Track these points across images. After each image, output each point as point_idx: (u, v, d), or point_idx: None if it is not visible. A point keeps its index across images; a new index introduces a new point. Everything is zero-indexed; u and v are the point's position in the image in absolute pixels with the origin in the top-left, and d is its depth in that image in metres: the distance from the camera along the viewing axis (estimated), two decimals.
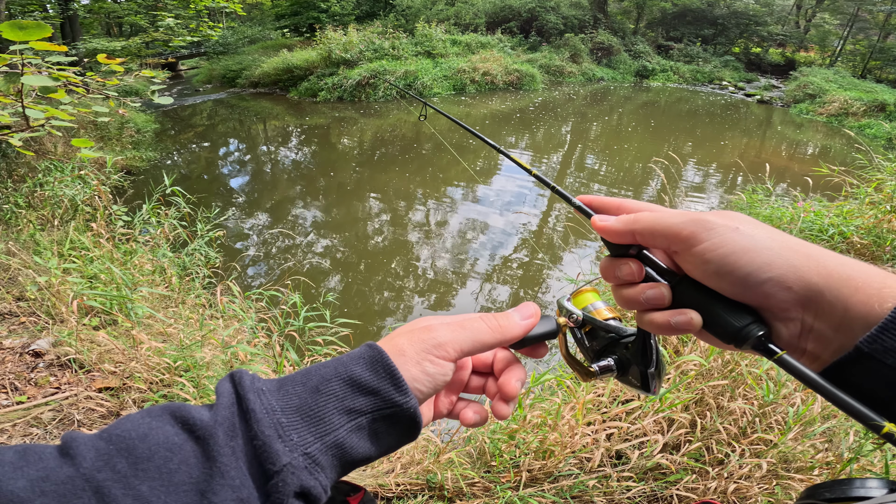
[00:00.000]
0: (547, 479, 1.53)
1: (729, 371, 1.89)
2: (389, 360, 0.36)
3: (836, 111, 13.21)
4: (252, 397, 0.33)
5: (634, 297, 0.39)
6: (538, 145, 9.58)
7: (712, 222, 0.35)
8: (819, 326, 0.32)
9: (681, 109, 14.01)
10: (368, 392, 0.35)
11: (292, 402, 0.34)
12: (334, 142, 9.20)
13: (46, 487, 0.26)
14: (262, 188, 6.96)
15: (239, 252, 4.90)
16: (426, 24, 14.26)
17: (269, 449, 0.31)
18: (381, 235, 5.49)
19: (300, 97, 12.18)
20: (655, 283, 0.39)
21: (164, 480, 0.28)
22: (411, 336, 0.39)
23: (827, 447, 1.53)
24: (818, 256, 0.32)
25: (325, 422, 0.33)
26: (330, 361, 0.37)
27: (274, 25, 17.59)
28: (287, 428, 0.32)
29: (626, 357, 0.45)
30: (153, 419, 0.31)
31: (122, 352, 2.21)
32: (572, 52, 16.52)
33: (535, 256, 5.07)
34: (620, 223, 0.39)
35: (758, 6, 21.07)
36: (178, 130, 9.63)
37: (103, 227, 3.48)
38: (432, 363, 0.38)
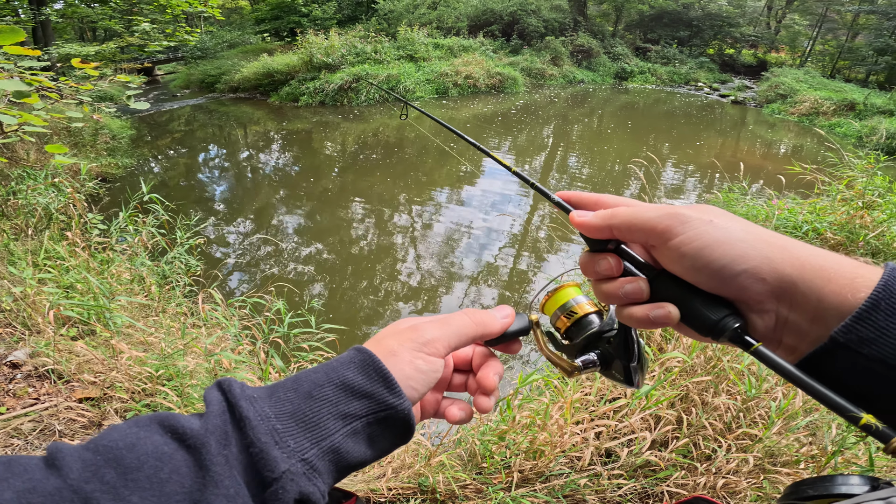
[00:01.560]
0: (538, 479, 1.54)
1: (712, 367, 1.93)
2: (381, 363, 0.37)
3: (807, 111, 13.61)
4: (245, 405, 0.32)
5: (613, 292, 0.39)
6: (521, 148, 9.65)
7: (687, 216, 0.35)
8: (794, 318, 0.32)
9: (658, 111, 14.28)
10: (362, 396, 0.35)
11: (286, 409, 0.33)
12: (316, 147, 9.13)
13: (33, 499, 0.25)
14: (243, 194, 6.87)
15: (220, 260, 4.82)
16: (408, 28, 14.27)
17: (267, 456, 0.30)
18: (365, 240, 5.46)
19: (281, 102, 12.07)
20: (634, 278, 0.39)
21: (154, 490, 0.27)
22: (400, 336, 0.40)
23: (811, 441, 1.57)
24: (791, 248, 0.32)
25: (320, 427, 0.33)
26: (319, 367, 0.37)
27: (254, 30, 17.42)
28: (283, 434, 0.32)
29: (609, 351, 0.45)
30: (141, 429, 0.30)
31: (101, 362, 2.16)
32: (553, 54, 16.72)
33: (520, 258, 5.10)
34: (598, 218, 0.39)
35: (731, 8, 21.63)
36: (155, 136, 9.45)
37: (79, 235, 3.39)
38: (424, 360, 0.39)
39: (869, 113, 12.82)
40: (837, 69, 20.01)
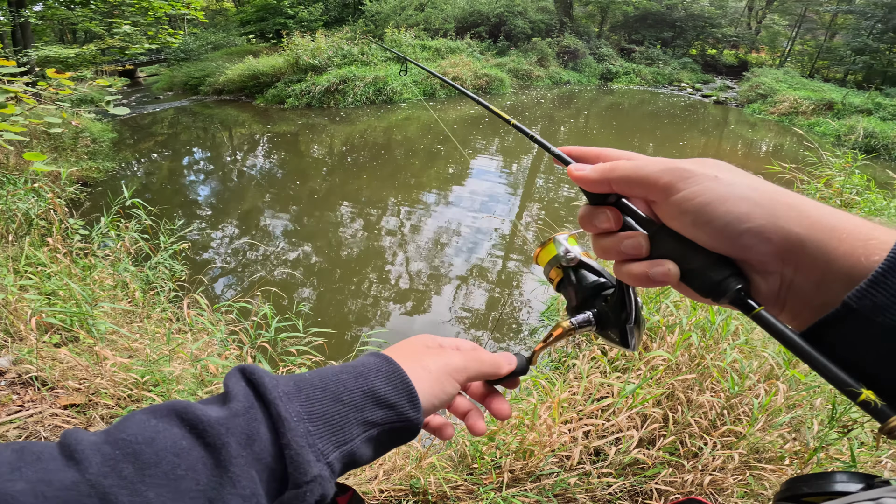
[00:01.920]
0: (529, 479, 1.55)
1: (696, 365, 1.96)
2: (407, 378, 0.38)
3: (787, 110, 13.87)
4: (281, 405, 0.33)
5: (612, 247, 0.38)
6: (508, 149, 9.69)
7: (690, 171, 0.33)
8: (799, 280, 0.30)
9: (643, 111, 14.45)
10: (385, 406, 0.37)
11: (316, 409, 0.34)
12: (303, 149, 9.07)
13: (48, 492, 0.25)
14: (228, 198, 6.80)
15: (205, 264, 4.77)
16: (395, 30, 14.25)
17: (302, 460, 0.31)
18: (353, 242, 5.44)
19: (267, 104, 11.96)
20: (633, 233, 0.37)
21: (171, 487, 0.27)
22: (434, 356, 0.43)
23: (794, 437, 1.60)
24: (801, 206, 0.30)
25: (344, 432, 0.34)
26: (345, 369, 0.38)
27: (239, 31, 17.23)
28: (314, 436, 0.32)
29: (606, 311, 0.44)
30: (159, 420, 0.30)
31: (85, 368, 2.13)
32: (540, 55, 16.82)
33: (508, 258, 5.12)
34: (596, 172, 0.38)
35: (713, 8, 21.96)
36: (137, 139, 9.29)
37: (60, 241, 3.33)
38: (451, 384, 0.41)
39: (847, 112, 13.12)
40: (816, 69, 20.43)
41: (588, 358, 2.17)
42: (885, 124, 11.71)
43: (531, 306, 4.14)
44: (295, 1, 15.44)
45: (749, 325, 2.19)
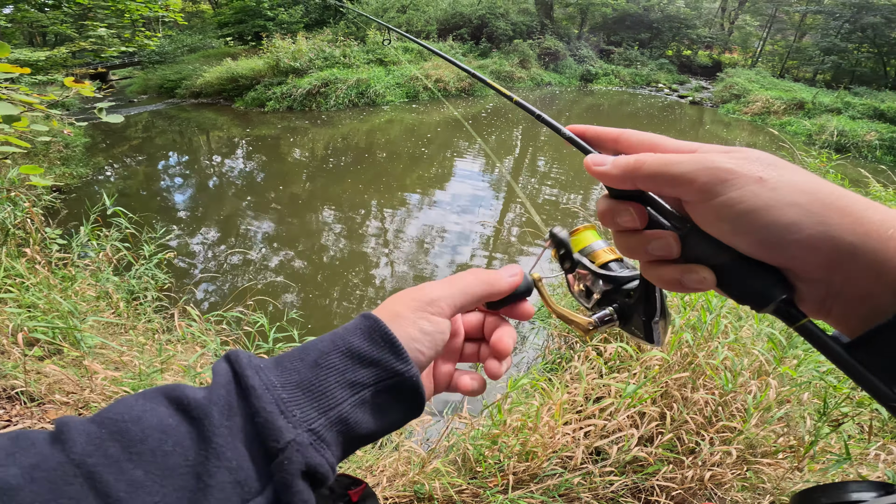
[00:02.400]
0: (532, 481, 1.57)
1: (688, 363, 2.01)
2: (387, 328, 0.35)
3: (760, 110, 14.26)
4: (250, 373, 0.32)
5: (637, 247, 0.35)
6: (491, 150, 9.74)
7: (730, 170, 0.30)
8: (848, 289, 0.28)
9: (623, 112, 14.69)
10: (369, 363, 0.34)
11: (292, 378, 0.32)
12: (285, 153, 8.96)
13: (37, 474, 0.25)
14: (207, 204, 6.67)
15: (187, 272, 4.68)
16: (378, 32, 14.20)
17: (272, 426, 0.29)
18: (338, 247, 5.40)
19: (247, 107, 11.79)
20: (661, 232, 0.34)
21: (158, 464, 0.27)
22: (403, 297, 0.39)
23: (786, 431, 1.65)
24: (856, 211, 0.27)
25: (327, 396, 0.32)
26: (326, 335, 0.36)
27: (216, 34, 16.95)
28: (289, 403, 0.31)
29: (629, 305, 0.41)
30: (148, 401, 0.30)
31: (74, 382, 2.08)
32: (521, 57, 16.96)
33: (493, 259, 5.16)
34: (619, 168, 0.34)
35: (688, 10, 22.46)
36: (110, 144, 9.05)
37: (38, 251, 3.23)
38: (428, 321, 0.37)
39: (817, 111, 13.55)
40: (786, 69, 21.05)
41: (584, 358, 2.20)
42: (854, 123, 12.14)
43: None
44: (275, 3, 15.24)
45: (738, 324, 2.25)
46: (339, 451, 0.33)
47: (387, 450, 1.91)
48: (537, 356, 3.02)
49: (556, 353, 2.53)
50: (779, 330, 2.21)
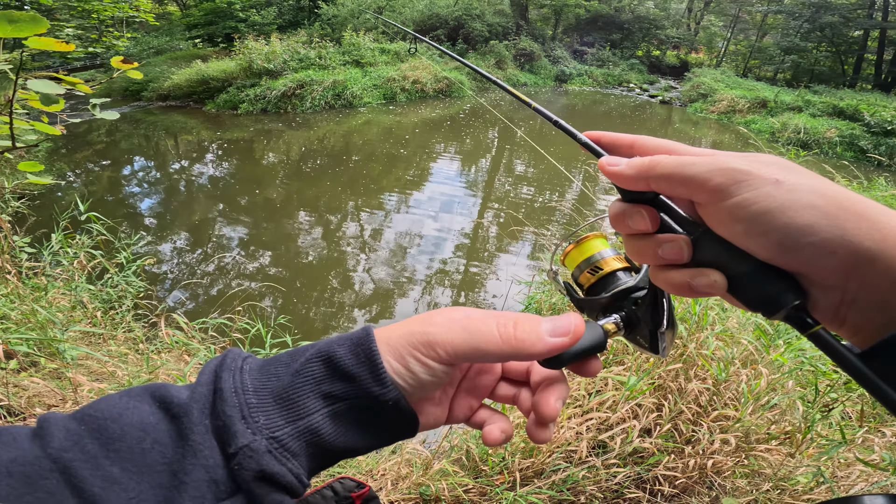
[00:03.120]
0: (538, 476, 1.57)
1: (679, 355, 2.05)
2: (373, 347, 0.33)
3: (725, 109, 14.74)
4: (226, 375, 0.31)
5: (648, 251, 0.34)
6: (468, 151, 9.78)
7: (745, 172, 0.29)
8: (864, 297, 0.27)
9: (596, 112, 14.97)
10: (345, 377, 0.32)
11: (269, 384, 0.32)
12: (259, 156, 8.79)
13: (14, 468, 0.26)
14: (179, 209, 6.47)
15: (159, 279, 4.55)
16: (354, 33, 14.07)
17: (228, 430, 0.29)
18: (315, 250, 5.33)
19: (218, 110, 11.51)
20: (673, 236, 0.33)
21: (136, 462, 0.27)
22: (405, 326, 0.35)
23: (777, 419, 1.71)
24: (872, 215, 0.27)
25: (298, 405, 0.31)
26: (322, 340, 0.35)
27: (184, 36, 16.50)
28: (255, 409, 0.30)
29: (636, 314, 0.40)
30: (131, 399, 0.30)
31: (57, 394, 1.99)
32: (497, 58, 17.09)
33: (472, 259, 5.18)
34: (633, 168, 0.34)
35: (657, 10, 23.07)
36: (72, 149, 8.68)
37: (8, 261, 3.09)
38: (418, 361, 0.33)
39: (779, 110, 14.08)
40: (749, 68, 21.80)
41: None
42: (815, 121, 12.67)
43: (508, 307, 4.20)
44: (247, 4, 14.94)
45: (725, 314, 2.31)
46: (308, 461, 0.31)
47: (385, 453, 1.90)
48: None
49: None
50: (762, 316, 2.29)
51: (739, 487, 1.55)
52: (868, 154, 10.79)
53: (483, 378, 0.42)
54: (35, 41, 0.81)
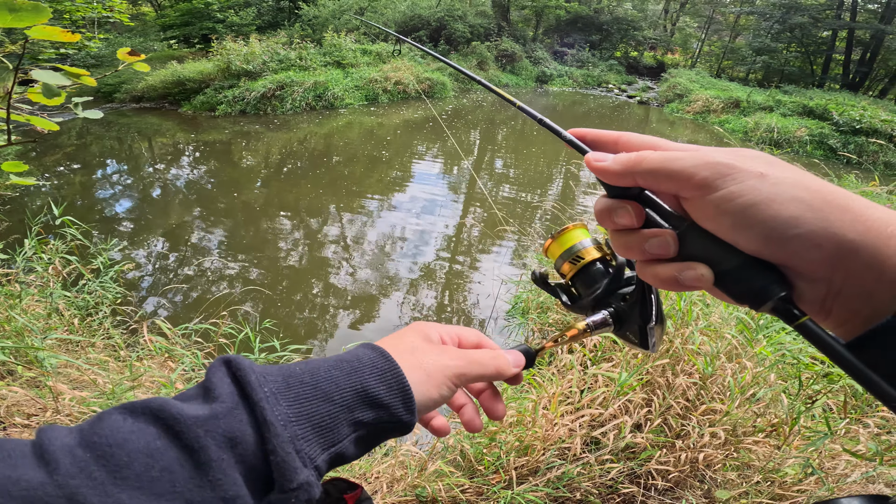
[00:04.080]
0: (533, 474, 1.58)
1: (665, 350, 2.09)
2: (404, 378, 0.36)
3: (700, 109, 15.10)
4: (266, 405, 0.31)
5: (634, 246, 0.35)
6: (450, 151, 9.79)
7: (731, 165, 0.30)
8: (849, 288, 0.28)
9: (577, 112, 15.16)
10: (378, 406, 0.35)
11: (304, 410, 0.32)
12: (237, 158, 8.64)
13: (14, 490, 0.25)
14: (154, 214, 6.29)
15: (136, 285, 4.43)
16: (335, 34, 13.95)
17: (288, 467, 0.29)
18: (297, 253, 5.27)
19: (195, 111, 11.28)
20: (659, 231, 0.33)
21: (144, 489, 0.27)
22: (434, 354, 0.40)
23: (763, 411, 1.75)
24: (855, 208, 0.28)
25: (334, 433, 0.33)
26: (338, 364, 0.36)
27: (159, 37, 16.14)
28: (301, 440, 0.31)
29: (624, 310, 0.41)
30: (135, 420, 0.29)
31: (35, 402, 1.93)
32: (479, 59, 17.17)
33: (455, 260, 5.19)
34: (619, 164, 0.34)
35: (635, 12, 23.49)
36: (40, 152, 8.41)
37: None
38: (449, 389, 0.39)
39: (752, 109, 14.47)
40: (722, 69, 22.37)
41: (567, 349, 2.25)
42: (786, 120, 13.05)
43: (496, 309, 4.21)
44: (224, 5, 14.68)
45: (708, 310, 2.36)
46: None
47: (378, 455, 1.88)
48: None
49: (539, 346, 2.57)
50: (745, 311, 2.35)
51: (730, 480, 1.59)
52: (838, 152, 11.16)
53: None
54: (39, 31, 0.78)
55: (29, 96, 0.96)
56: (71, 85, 0.93)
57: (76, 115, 1.15)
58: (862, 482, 1.42)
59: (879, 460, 1.38)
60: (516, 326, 3.41)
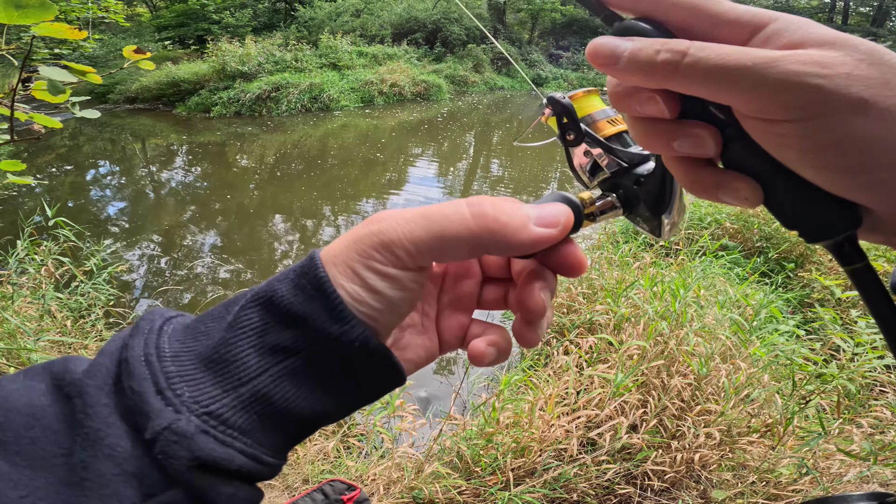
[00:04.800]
0: (530, 476, 1.58)
1: (660, 352, 2.10)
2: (321, 274, 0.25)
3: None
4: (135, 342, 0.25)
5: (662, 140, 0.26)
6: (445, 154, 9.81)
7: (821, 91, 0.21)
8: None
9: None
10: (294, 321, 0.25)
11: (196, 346, 0.25)
12: (232, 160, 8.61)
13: None
14: (146, 215, 6.26)
15: (132, 286, 4.41)
16: (331, 36, 13.98)
17: (139, 410, 0.23)
18: (292, 256, 5.25)
19: (190, 113, 11.25)
20: (699, 129, 0.25)
21: (25, 454, 0.22)
22: (350, 233, 0.27)
23: (757, 412, 1.77)
24: None
25: (237, 367, 0.24)
26: (271, 279, 0.27)
27: (154, 37, 16.12)
28: (175, 379, 0.23)
29: (637, 195, 0.34)
30: (27, 378, 0.24)
31: None
32: (475, 62, 17.24)
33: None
34: (645, 60, 0.24)
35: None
36: (33, 153, 8.36)
37: None
38: (376, 273, 0.26)
39: None
40: None
41: (563, 351, 2.26)
42: None
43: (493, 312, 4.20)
44: (220, 6, 14.68)
45: (702, 311, 2.38)
46: (268, 436, 0.25)
47: (375, 458, 1.88)
48: (515, 353, 3.07)
49: (535, 351, 2.58)
50: (738, 313, 2.37)
51: (726, 480, 1.60)
52: None
53: (464, 285, 0.34)
54: (45, 28, 0.77)
55: (33, 94, 0.96)
56: (77, 82, 0.93)
57: (73, 114, 1.14)
58: (856, 482, 1.43)
59: (873, 460, 1.39)
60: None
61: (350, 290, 0.25)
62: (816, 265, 3.39)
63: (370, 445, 2.04)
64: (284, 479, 1.68)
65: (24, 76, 0.96)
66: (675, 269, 2.88)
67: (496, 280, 0.34)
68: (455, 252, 0.27)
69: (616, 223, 4.21)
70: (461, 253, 0.27)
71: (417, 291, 0.28)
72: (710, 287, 2.71)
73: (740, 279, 3.06)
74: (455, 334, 0.34)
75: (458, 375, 2.91)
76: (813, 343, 2.36)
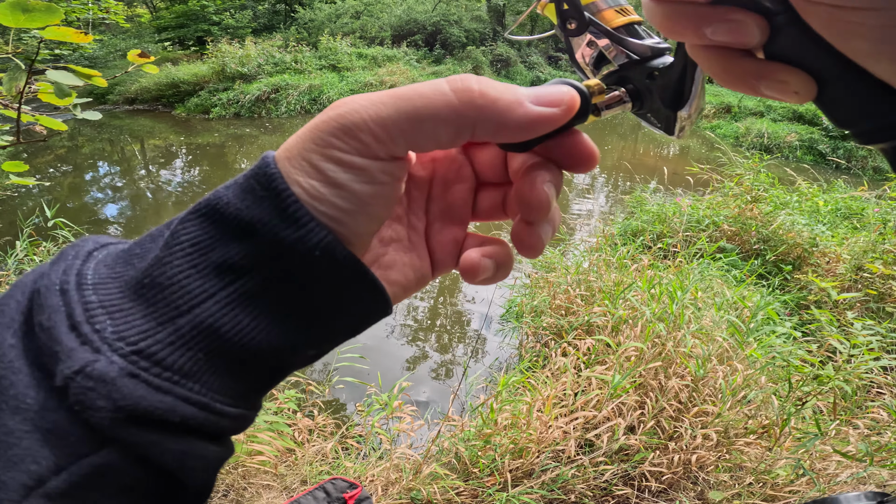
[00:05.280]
0: (528, 477, 1.59)
1: (658, 353, 2.11)
2: (273, 170, 0.21)
3: None
4: (54, 269, 0.20)
5: (689, 25, 0.21)
6: None
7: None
8: None
9: None
10: (243, 231, 0.20)
11: (128, 272, 0.20)
12: (231, 161, 8.62)
13: None
14: (144, 217, 6.28)
15: None
16: (331, 38, 14.00)
17: (48, 351, 0.18)
18: None
19: (189, 114, 11.26)
20: (738, 12, 0.20)
21: None
22: (308, 124, 0.22)
23: (754, 413, 1.78)
24: None
25: (174, 293, 0.19)
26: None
27: (153, 38, 16.14)
28: (96, 311, 0.19)
29: (650, 88, 0.30)
30: None
31: None
32: (474, 64, 17.26)
33: None
34: None
35: None
36: (31, 153, 8.37)
37: None
38: (337, 162, 0.21)
39: (742, 115, 14.63)
40: None
41: (561, 353, 2.26)
42: (776, 125, 13.21)
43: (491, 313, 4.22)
44: (220, 7, 14.72)
45: (700, 313, 2.39)
46: (220, 379, 0.20)
47: (373, 459, 1.88)
48: (513, 354, 3.08)
49: (533, 352, 2.59)
50: (736, 314, 2.38)
51: (723, 481, 1.61)
52: (827, 157, 11.31)
53: (455, 191, 0.28)
54: (52, 31, 0.78)
55: (40, 96, 0.96)
56: (82, 85, 0.94)
57: (74, 116, 1.15)
58: (853, 483, 1.44)
59: (870, 461, 1.40)
60: (511, 330, 3.42)
61: (306, 186, 0.21)
62: (813, 268, 3.40)
63: (368, 446, 2.04)
64: (283, 481, 1.68)
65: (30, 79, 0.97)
66: (673, 271, 2.90)
67: (492, 185, 0.29)
68: (434, 135, 0.22)
69: (614, 224, 4.23)
70: (441, 136, 0.22)
71: (391, 187, 0.22)
72: (707, 289, 2.72)
73: (738, 281, 3.07)
74: (448, 251, 0.28)
75: (456, 377, 2.92)
76: (810, 345, 2.37)
